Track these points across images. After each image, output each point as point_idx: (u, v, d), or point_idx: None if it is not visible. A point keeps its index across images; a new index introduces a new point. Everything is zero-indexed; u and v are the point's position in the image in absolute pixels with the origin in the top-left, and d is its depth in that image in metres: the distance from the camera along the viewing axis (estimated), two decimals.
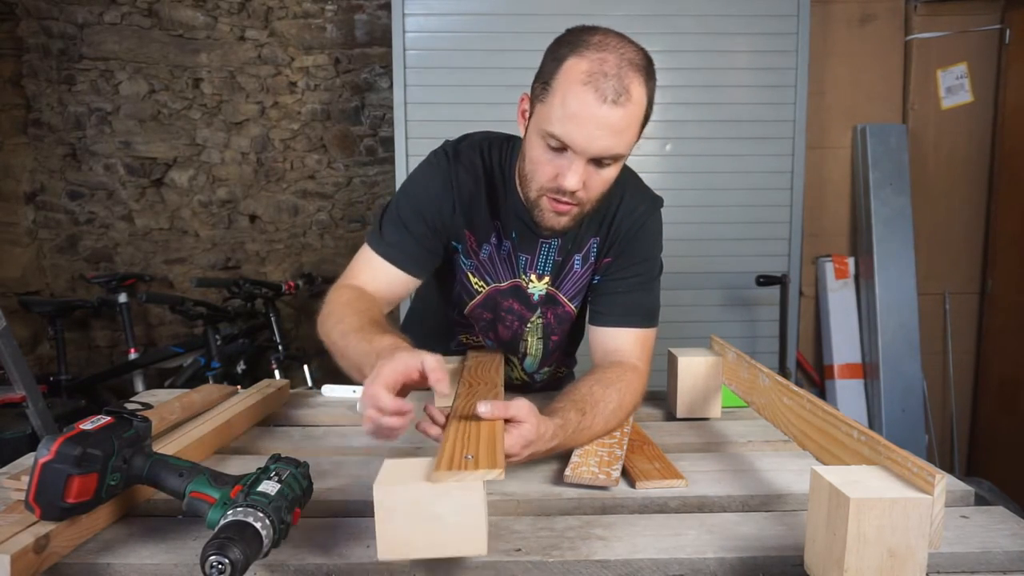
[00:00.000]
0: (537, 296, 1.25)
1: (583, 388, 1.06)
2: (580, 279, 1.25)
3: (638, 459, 0.96)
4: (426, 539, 0.66)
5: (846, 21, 3.03)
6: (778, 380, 0.95)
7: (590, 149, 0.99)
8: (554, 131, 0.99)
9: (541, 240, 1.20)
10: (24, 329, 3.27)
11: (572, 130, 0.98)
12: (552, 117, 0.99)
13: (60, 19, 3.25)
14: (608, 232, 1.22)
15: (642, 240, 1.23)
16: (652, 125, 3.06)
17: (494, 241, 1.21)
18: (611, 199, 1.18)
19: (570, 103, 0.97)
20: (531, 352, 1.34)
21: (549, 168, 1.03)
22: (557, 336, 1.32)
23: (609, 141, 0.99)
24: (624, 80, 0.98)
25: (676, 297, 2.82)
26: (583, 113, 0.97)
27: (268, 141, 3.38)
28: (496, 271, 1.24)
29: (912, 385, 3.00)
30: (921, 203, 3.07)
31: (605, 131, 0.98)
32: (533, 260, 1.22)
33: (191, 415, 1.13)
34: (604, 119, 0.97)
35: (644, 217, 1.22)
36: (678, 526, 0.80)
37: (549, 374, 1.43)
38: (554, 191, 1.05)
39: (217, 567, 0.61)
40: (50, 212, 3.39)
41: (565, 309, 1.28)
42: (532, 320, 1.28)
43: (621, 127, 0.99)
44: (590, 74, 0.97)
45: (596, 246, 1.23)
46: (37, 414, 1.78)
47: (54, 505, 0.69)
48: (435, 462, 0.70)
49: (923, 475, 0.62)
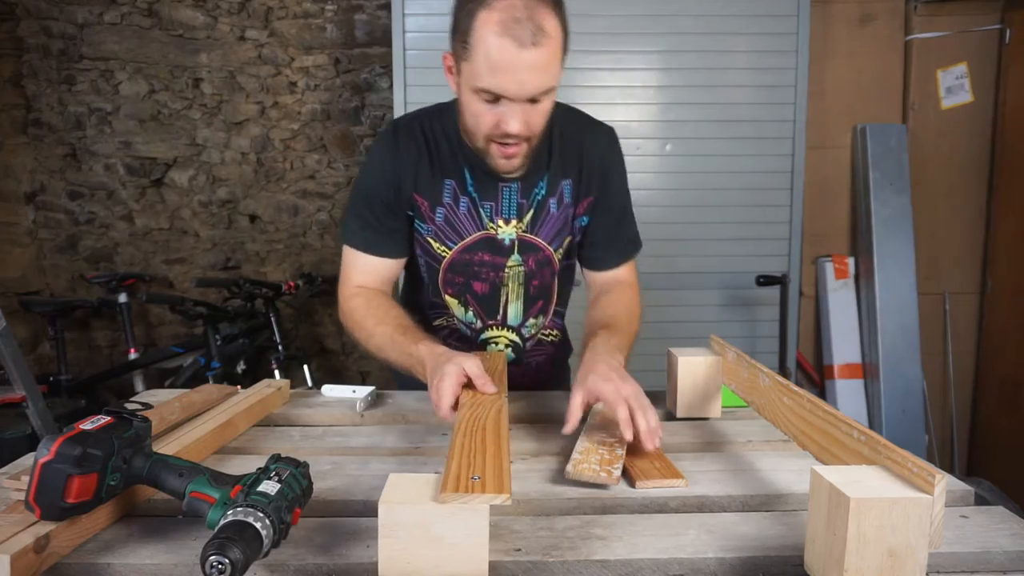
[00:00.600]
0: (508, 241, 1.28)
1: (598, 315, 1.26)
2: (557, 222, 1.29)
3: (638, 458, 0.96)
4: (428, 559, 0.67)
5: (846, 21, 3.03)
6: (778, 380, 0.95)
7: (523, 93, 1.05)
8: (485, 86, 1.05)
9: (501, 184, 1.25)
10: (24, 329, 3.27)
11: (501, 81, 1.04)
12: (479, 73, 1.04)
13: (60, 19, 3.25)
14: (581, 172, 1.28)
15: (615, 172, 1.33)
16: (652, 125, 3.07)
17: (448, 201, 1.25)
18: (573, 140, 1.28)
19: (492, 56, 1.02)
20: (512, 299, 1.34)
21: (489, 118, 1.09)
22: (537, 281, 1.33)
23: (538, 81, 1.04)
24: (536, 19, 1.01)
25: (676, 297, 2.82)
26: (506, 63, 1.02)
27: (268, 141, 3.39)
28: (457, 230, 1.27)
29: (912, 385, 3.00)
30: (921, 203, 3.07)
31: (532, 73, 1.03)
32: (497, 206, 1.26)
33: (191, 415, 1.13)
34: (528, 62, 1.02)
35: (611, 150, 1.32)
36: (678, 526, 0.80)
37: (537, 329, 1.41)
38: (500, 136, 1.11)
39: (217, 567, 0.61)
40: (50, 212, 3.39)
41: (544, 253, 1.30)
42: (509, 266, 1.30)
43: (545, 64, 1.04)
44: (503, 23, 1.01)
45: (570, 187, 1.29)
46: (37, 414, 1.78)
47: (54, 505, 0.68)
48: (441, 481, 0.70)
49: (923, 475, 0.62)
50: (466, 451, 0.79)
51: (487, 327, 1.35)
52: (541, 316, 1.39)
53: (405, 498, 0.68)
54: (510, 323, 1.36)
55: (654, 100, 2.74)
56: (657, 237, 2.79)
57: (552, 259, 1.32)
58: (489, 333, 1.36)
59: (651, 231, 2.75)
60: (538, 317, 1.39)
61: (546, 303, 1.39)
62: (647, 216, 2.77)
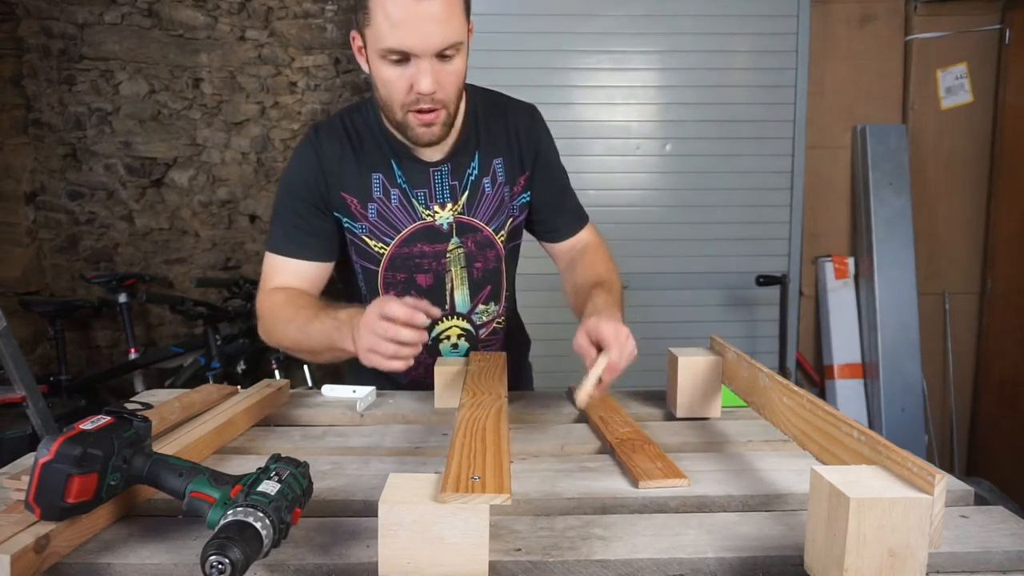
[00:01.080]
0: (446, 225, 1.27)
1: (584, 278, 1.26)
2: (493, 201, 1.29)
3: (640, 458, 0.96)
4: (428, 559, 0.67)
5: (846, 21, 3.03)
6: (778, 380, 0.95)
7: (428, 46, 1.04)
8: (389, 45, 1.04)
9: (431, 169, 1.24)
10: (24, 329, 3.27)
11: (404, 36, 1.03)
12: (382, 34, 1.04)
13: (60, 19, 3.25)
14: (511, 149, 1.28)
15: (545, 146, 1.33)
16: (652, 125, 3.07)
17: (379, 196, 1.24)
18: (497, 119, 1.28)
19: (391, 12, 1.02)
20: (457, 285, 1.31)
21: (401, 83, 1.08)
22: (480, 263, 1.31)
23: (442, 32, 1.03)
24: None
25: (676, 297, 2.82)
26: (406, 15, 1.01)
27: (268, 141, 3.39)
28: (392, 223, 1.26)
29: (912, 385, 3.00)
30: (921, 203, 3.07)
31: (434, 24, 1.02)
32: (431, 192, 1.25)
33: (191, 415, 1.13)
34: (427, 13, 1.01)
35: (536, 125, 1.31)
36: (678, 526, 0.80)
37: (490, 317, 1.38)
38: (414, 103, 1.10)
39: (217, 567, 0.61)
40: (50, 212, 3.39)
41: (484, 234, 1.30)
42: (449, 250, 1.28)
43: (446, 15, 1.03)
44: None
45: (502, 165, 1.29)
46: (37, 414, 1.79)
47: (54, 505, 0.68)
48: (441, 481, 0.70)
49: (923, 475, 0.62)
50: (466, 451, 0.79)
51: (436, 321, 1.32)
52: (492, 303, 1.37)
53: (405, 498, 0.68)
54: (459, 310, 1.33)
55: (654, 100, 2.74)
56: (657, 237, 2.80)
57: (494, 241, 1.31)
58: (440, 327, 1.33)
59: (651, 231, 2.79)
60: (488, 303, 1.36)
61: (495, 288, 1.36)
62: (647, 216, 2.80)
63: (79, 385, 3.16)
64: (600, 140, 2.72)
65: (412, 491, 0.69)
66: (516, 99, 1.34)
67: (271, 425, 1.20)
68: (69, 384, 3.13)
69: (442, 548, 0.66)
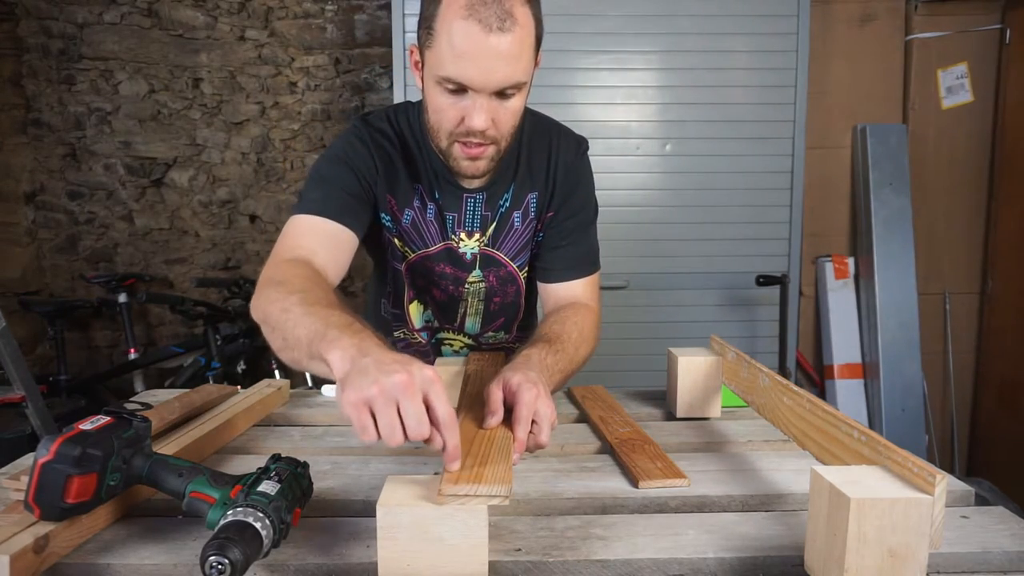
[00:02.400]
0: (469, 255, 1.23)
1: (544, 329, 1.09)
2: (521, 237, 1.23)
3: (640, 458, 0.96)
4: (428, 560, 0.67)
5: (846, 21, 3.02)
6: (778, 380, 0.95)
7: (489, 83, 0.97)
8: (448, 74, 0.97)
9: (465, 195, 1.18)
10: (24, 329, 3.27)
11: (466, 68, 0.95)
12: (443, 60, 0.97)
13: (60, 19, 3.25)
14: (546, 185, 1.22)
15: (580, 188, 1.24)
16: (652, 125, 3.07)
17: (417, 205, 1.19)
18: (541, 151, 1.19)
19: (457, 41, 0.94)
20: (470, 315, 1.29)
21: (453, 112, 1.01)
22: (499, 298, 1.28)
23: (506, 70, 0.96)
24: (505, 4, 0.94)
25: (676, 297, 2.82)
26: (472, 48, 0.94)
27: (268, 141, 3.38)
28: (423, 236, 1.21)
29: (912, 385, 3.00)
30: (921, 203, 3.07)
31: (499, 61, 0.95)
32: (460, 217, 1.20)
33: (191, 415, 1.13)
34: (495, 49, 0.94)
35: (578, 163, 1.23)
36: (678, 526, 0.80)
37: (498, 341, 1.36)
38: (463, 135, 1.03)
39: (217, 567, 0.61)
40: (50, 212, 3.39)
41: (508, 269, 1.25)
42: (470, 281, 1.25)
43: (515, 53, 0.96)
44: (469, 6, 0.93)
45: (535, 200, 1.22)
46: (37, 414, 1.79)
47: (54, 505, 0.68)
48: (440, 483, 0.69)
49: (923, 475, 0.62)
50: (464, 452, 0.78)
51: (443, 328, 1.32)
52: (503, 332, 1.35)
53: (403, 500, 0.67)
54: (467, 331, 1.33)
55: (654, 100, 2.74)
56: (657, 237, 2.80)
57: (516, 276, 1.27)
58: (444, 334, 1.33)
59: (651, 231, 2.79)
60: (499, 332, 1.34)
61: (508, 320, 1.33)
62: (647, 216, 2.80)
63: (79, 385, 3.16)
64: (600, 140, 2.72)
65: (410, 493, 0.69)
66: (567, 129, 1.26)
67: (271, 425, 1.20)
68: (68, 384, 3.13)
69: (441, 549, 0.66)
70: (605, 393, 1.28)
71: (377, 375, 0.68)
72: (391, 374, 0.68)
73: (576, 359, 1.10)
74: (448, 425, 0.71)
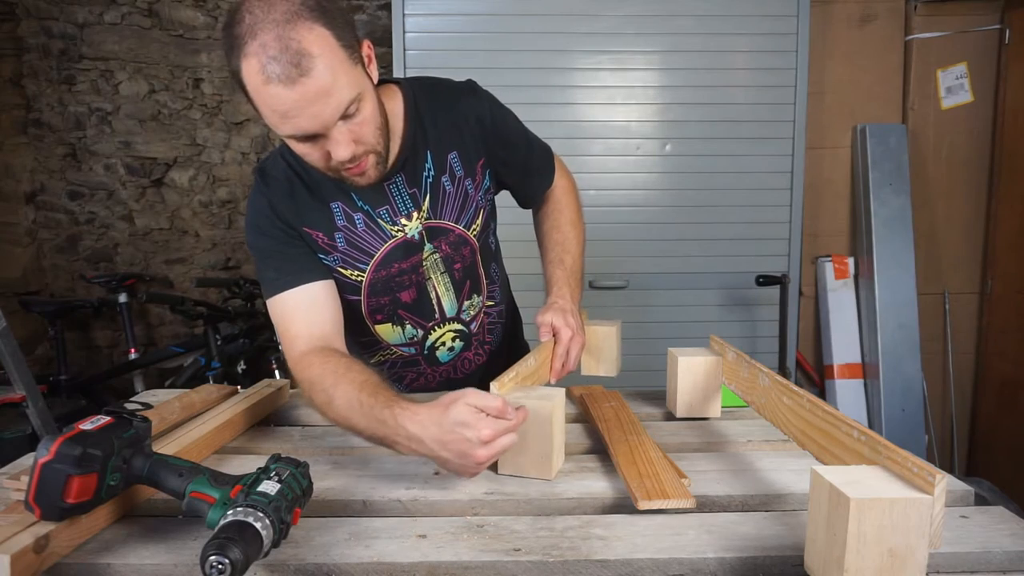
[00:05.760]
0: (417, 235, 1.22)
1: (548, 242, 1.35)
2: (457, 197, 1.24)
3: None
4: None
5: (846, 21, 3.02)
6: (778, 380, 0.95)
7: (324, 123, 0.96)
8: (286, 134, 0.98)
9: (386, 184, 1.18)
10: (24, 329, 3.27)
11: (296, 123, 0.95)
12: (274, 123, 0.97)
13: (60, 19, 3.25)
14: (462, 138, 1.22)
15: (500, 120, 1.27)
16: (652, 125, 3.06)
17: (343, 224, 1.18)
18: (443, 111, 1.22)
19: (272, 106, 0.93)
20: (441, 292, 1.29)
21: (317, 154, 1.02)
22: (459, 263, 1.28)
23: (331, 105, 0.95)
24: (293, 46, 0.90)
25: (676, 297, 2.82)
26: (288, 106, 0.93)
27: (268, 141, 3.38)
28: (364, 249, 1.21)
29: (912, 385, 3.00)
30: (921, 203, 3.07)
31: (318, 103, 0.93)
32: (393, 207, 1.19)
33: (191, 415, 1.13)
34: (308, 96, 0.92)
35: (480, 101, 1.25)
36: (678, 526, 0.80)
37: (477, 309, 1.35)
38: (338, 167, 1.04)
39: (217, 567, 0.61)
40: (50, 212, 3.39)
41: (456, 232, 1.25)
42: (425, 258, 1.24)
43: (327, 86, 0.93)
44: (262, 70, 0.90)
45: (458, 159, 1.22)
46: (37, 414, 1.79)
47: (54, 505, 0.69)
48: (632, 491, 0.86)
49: (923, 475, 0.62)
50: (628, 460, 0.94)
51: (429, 332, 1.31)
52: (475, 295, 1.34)
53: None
54: (448, 315, 1.31)
55: (654, 100, 2.74)
56: (657, 237, 2.80)
57: (467, 237, 1.26)
58: (432, 337, 1.31)
59: (651, 231, 2.79)
60: (471, 297, 1.33)
61: (474, 281, 1.33)
62: (647, 216, 2.80)
63: (79, 385, 3.16)
64: (600, 140, 2.72)
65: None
66: (453, 81, 1.27)
67: (271, 425, 1.20)
68: (69, 384, 3.13)
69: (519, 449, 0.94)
70: (605, 393, 1.28)
71: (444, 455, 0.87)
72: (447, 445, 0.86)
73: (580, 241, 1.36)
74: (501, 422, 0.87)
